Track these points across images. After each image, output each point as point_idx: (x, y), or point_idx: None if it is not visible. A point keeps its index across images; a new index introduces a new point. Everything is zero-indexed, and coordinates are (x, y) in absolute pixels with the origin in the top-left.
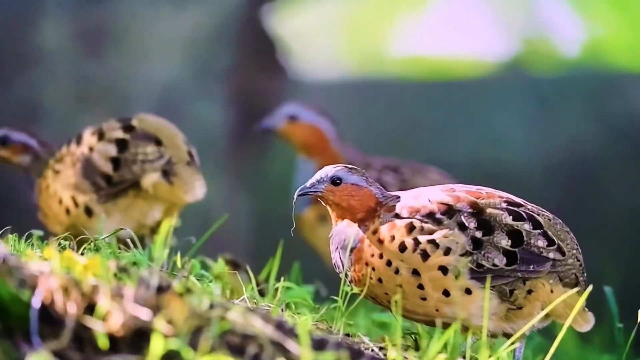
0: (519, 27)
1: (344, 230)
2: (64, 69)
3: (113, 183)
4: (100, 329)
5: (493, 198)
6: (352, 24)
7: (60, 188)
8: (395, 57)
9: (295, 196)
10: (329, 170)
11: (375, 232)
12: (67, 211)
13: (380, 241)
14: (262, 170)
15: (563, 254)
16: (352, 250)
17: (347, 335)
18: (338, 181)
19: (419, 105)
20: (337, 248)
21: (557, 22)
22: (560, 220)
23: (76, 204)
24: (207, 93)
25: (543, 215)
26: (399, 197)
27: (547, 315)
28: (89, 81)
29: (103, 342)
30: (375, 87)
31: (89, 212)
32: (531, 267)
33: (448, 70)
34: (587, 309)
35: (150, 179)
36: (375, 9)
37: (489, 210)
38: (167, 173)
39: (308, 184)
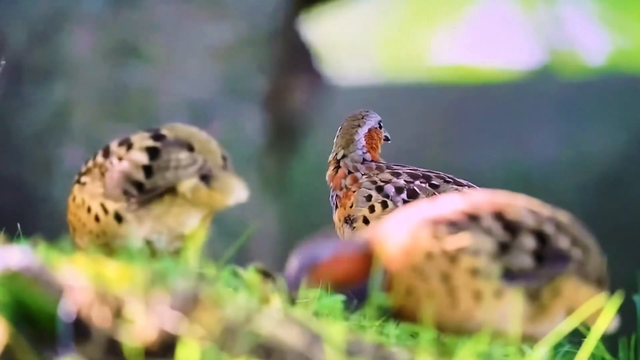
0: (547, 37)
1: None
2: (94, 81)
3: (145, 190)
4: (130, 339)
5: (514, 202)
6: (387, 32)
7: (88, 197)
8: (430, 64)
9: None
10: (299, 257)
11: (398, 244)
12: (97, 218)
13: (406, 253)
14: (292, 179)
15: (586, 255)
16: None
17: (378, 344)
18: (314, 264)
19: (451, 112)
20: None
21: (584, 32)
22: (580, 222)
23: (105, 211)
24: (239, 103)
25: (564, 217)
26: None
27: (573, 317)
28: (118, 92)
29: (133, 352)
30: (409, 94)
31: (119, 219)
32: (556, 268)
33: (480, 78)
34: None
35: (189, 184)
36: (410, 18)
37: (511, 214)
38: (205, 177)
39: (290, 281)
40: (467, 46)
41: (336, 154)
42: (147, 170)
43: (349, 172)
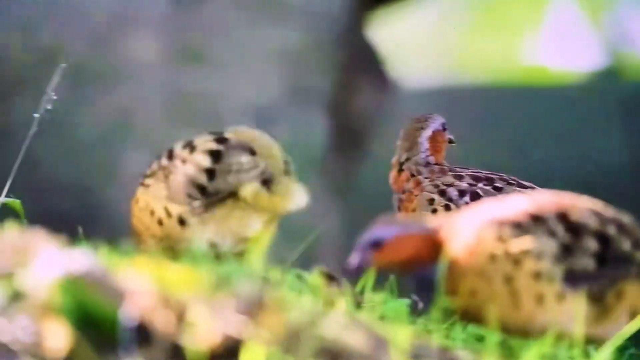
0: (610, 38)
1: (422, 273)
2: (157, 85)
3: (208, 194)
4: (193, 343)
5: (577, 203)
6: (454, 34)
7: (152, 200)
8: (497, 67)
9: (352, 274)
10: (364, 239)
11: (463, 244)
12: (160, 222)
13: (470, 254)
14: (357, 182)
15: None
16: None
17: (444, 348)
18: (379, 243)
19: (517, 114)
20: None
21: None
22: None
23: (169, 215)
24: (303, 107)
25: (627, 219)
26: (444, 220)
27: (637, 320)
28: (183, 97)
29: (197, 357)
30: (476, 96)
31: (182, 222)
32: (619, 270)
33: (546, 79)
34: None
35: (250, 189)
36: (477, 20)
37: (575, 215)
38: (266, 182)
39: (354, 261)
40: (535, 48)
41: (399, 157)
42: (210, 173)
43: (412, 176)
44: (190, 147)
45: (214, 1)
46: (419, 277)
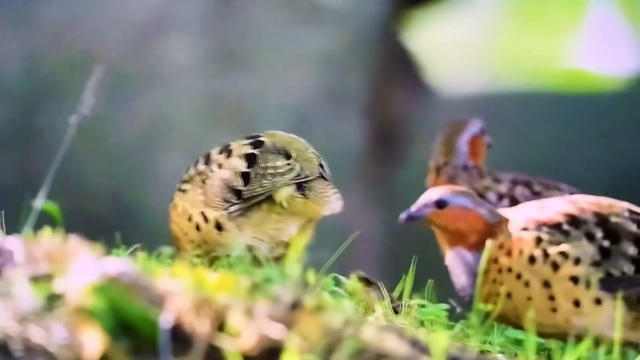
0: None
1: (463, 254)
2: (194, 87)
3: (244, 198)
4: (231, 347)
5: (615, 207)
6: (492, 38)
7: (189, 206)
8: (537, 71)
9: (400, 221)
10: (434, 194)
11: (501, 247)
12: (197, 227)
13: (509, 255)
14: (395, 187)
15: None
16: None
17: (482, 352)
18: (443, 204)
19: (557, 118)
20: (460, 272)
21: None
22: None
23: (206, 220)
24: (340, 111)
25: None
26: (507, 217)
27: None
28: (218, 100)
29: None
30: (515, 101)
31: (219, 227)
32: None
33: (587, 85)
34: None
35: (284, 193)
36: (516, 24)
37: (613, 219)
38: (301, 186)
39: (413, 208)
40: (575, 52)
41: (437, 161)
42: (246, 177)
43: (449, 179)
44: (227, 151)
45: (250, 4)
46: (462, 257)
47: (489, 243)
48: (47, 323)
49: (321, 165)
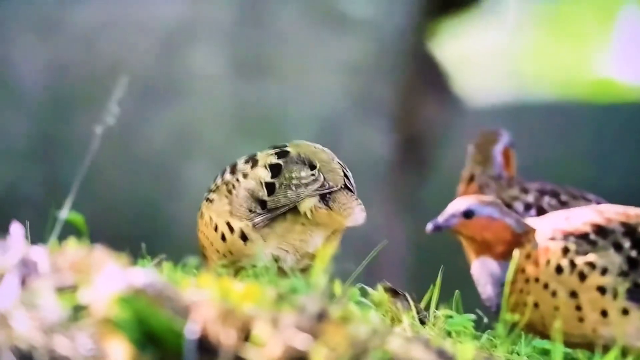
0: None
1: (489, 263)
2: (221, 95)
3: (268, 208)
4: (257, 358)
5: None
6: (520, 49)
7: (215, 215)
8: (564, 81)
9: (428, 230)
10: (461, 203)
11: (528, 256)
12: (223, 237)
13: (536, 265)
14: (422, 196)
15: None
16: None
17: None
18: (470, 214)
19: (586, 129)
20: (486, 282)
21: None
22: None
23: (231, 230)
24: (367, 120)
25: None
26: (534, 226)
27: None
28: (246, 109)
29: None
30: (542, 112)
31: (244, 237)
32: None
33: (615, 95)
34: None
35: (308, 204)
36: (545, 34)
37: None
38: (324, 197)
39: (440, 218)
40: (604, 61)
41: (471, 169)
42: (270, 187)
43: (480, 188)
44: (252, 161)
45: (278, 14)
46: (488, 267)
47: (516, 253)
48: (72, 334)
49: (346, 176)
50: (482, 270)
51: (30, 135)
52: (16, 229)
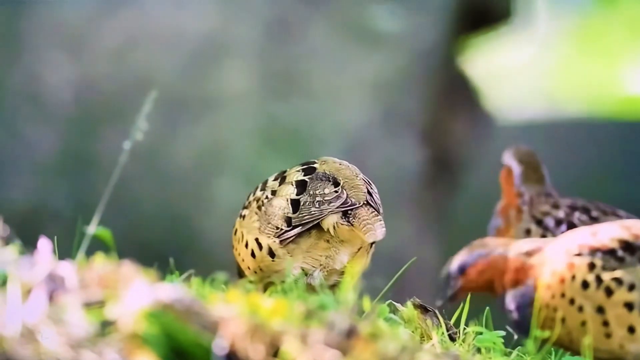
0: None
1: (509, 296)
2: (250, 111)
3: (293, 225)
4: None
5: None
6: (551, 65)
7: (246, 232)
8: (596, 97)
9: (439, 306)
10: (450, 268)
11: (554, 272)
12: (253, 254)
13: (562, 281)
14: (451, 212)
15: None
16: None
17: None
18: (463, 268)
19: (615, 146)
20: (513, 309)
21: None
22: None
23: (260, 247)
24: (396, 136)
25: None
26: (540, 246)
27: None
28: (275, 125)
29: None
30: (574, 128)
31: (272, 254)
32: None
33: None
34: None
35: (330, 220)
36: (575, 50)
37: None
38: (346, 214)
39: (443, 296)
40: (635, 79)
41: (525, 187)
42: (295, 204)
43: (519, 207)
44: (281, 178)
45: (307, 30)
46: (510, 299)
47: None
48: (100, 349)
49: (369, 192)
50: (506, 302)
51: (59, 150)
52: (44, 244)
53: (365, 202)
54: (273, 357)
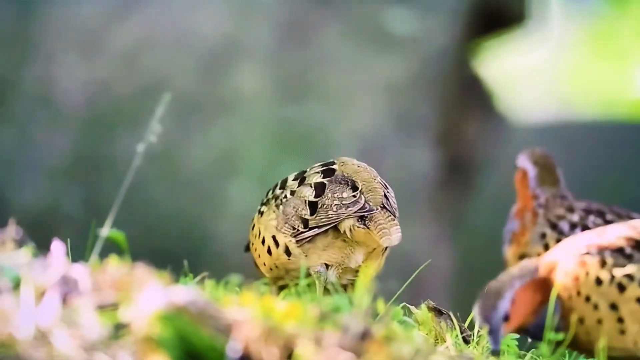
0: None
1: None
2: (263, 115)
3: (310, 227)
4: None
5: None
6: (564, 67)
7: (263, 229)
8: (610, 100)
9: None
10: (491, 319)
11: (567, 273)
12: (269, 251)
13: (576, 279)
14: (465, 216)
15: None
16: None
17: None
18: (507, 317)
19: (630, 149)
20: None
21: None
22: None
23: (277, 244)
24: (410, 139)
25: None
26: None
27: None
28: (289, 128)
29: None
30: (588, 130)
31: (288, 253)
32: None
33: None
34: None
35: (347, 223)
36: (588, 52)
37: None
38: (363, 217)
39: (494, 345)
40: None
41: (541, 190)
42: (312, 207)
43: (534, 209)
44: (301, 178)
45: (321, 33)
46: (534, 325)
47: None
48: (113, 352)
49: (386, 196)
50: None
51: (72, 153)
52: (57, 247)
53: (381, 206)
54: (287, 359)
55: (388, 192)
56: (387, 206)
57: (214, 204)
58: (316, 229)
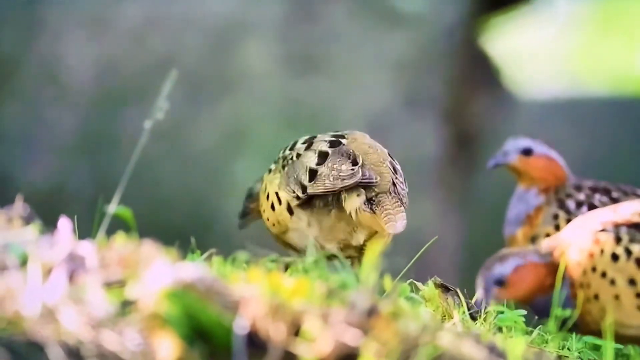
0: None
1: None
2: (271, 92)
3: (307, 193)
4: (307, 353)
5: None
6: (572, 44)
7: (269, 184)
8: (619, 76)
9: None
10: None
11: (581, 250)
12: (272, 206)
13: (591, 256)
14: (473, 193)
15: None
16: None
17: (560, 358)
18: (502, 282)
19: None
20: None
21: None
22: None
23: (280, 201)
24: (418, 117)
25: None
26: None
27: None
28: (296, 105)
29: None
30: (596, 106)
31: (290, 211)
32: None
33: None
34: None
35: (353, 204)
36: (597, 28)
37: None
38: (370, 200)
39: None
40: None
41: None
42: (312, 174)
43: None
44: (309, 143)
45: (328, 10)
46: (541, 304)
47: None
48: (120, 329)
49: (394, 183)
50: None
51: (80, 131)
52: (64, 224)
53: (389, 190)
54: (294, 336)
55: (397, 177)
56: (395, 191)
57: (221, 181)
58: (312, 196)
